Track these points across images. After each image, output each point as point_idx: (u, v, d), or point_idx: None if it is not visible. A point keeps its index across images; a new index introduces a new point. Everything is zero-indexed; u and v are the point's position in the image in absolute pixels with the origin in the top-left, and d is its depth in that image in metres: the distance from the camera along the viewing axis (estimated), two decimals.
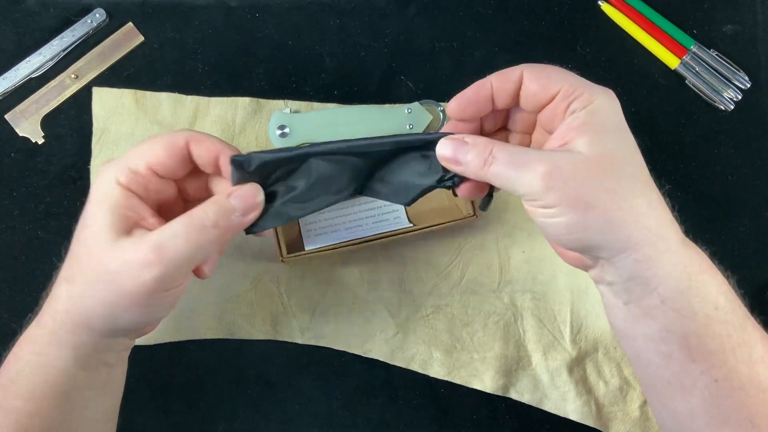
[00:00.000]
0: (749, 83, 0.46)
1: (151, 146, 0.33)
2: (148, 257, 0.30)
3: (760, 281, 0.45)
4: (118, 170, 0.32)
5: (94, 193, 0.32)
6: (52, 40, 0.46)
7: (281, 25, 0.47)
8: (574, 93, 0.31)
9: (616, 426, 0.43)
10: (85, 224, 0.32)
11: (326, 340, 0.44)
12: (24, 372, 0.31)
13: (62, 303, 0.32)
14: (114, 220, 0.31)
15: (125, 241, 0.30)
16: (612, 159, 0.30)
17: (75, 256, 0.32)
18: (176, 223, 0.31)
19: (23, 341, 0.32)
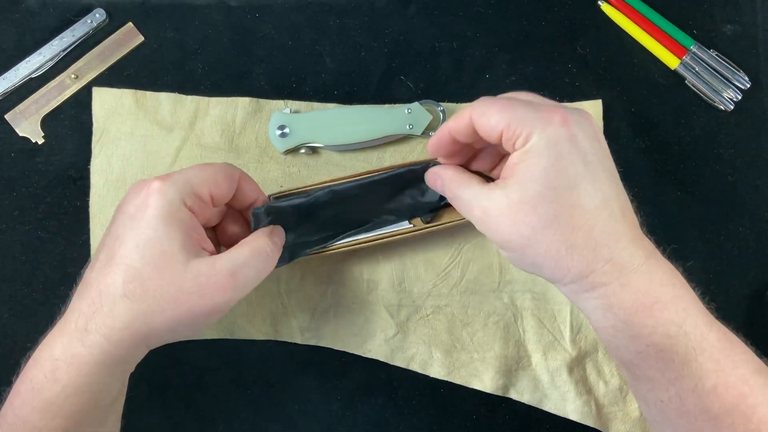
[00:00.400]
0: (749, 83, 0.46)
1: (214, 174, 0.34)
2: (224, 282, 0.32)
3: (760, 281, 0.45)
4: (184, 192, 0.33)
5: (160, 209, 0.32)
6: (52, 40, 0.46)
7: (281, 25, 0.47)
8: (514, 132, 0.32)
9: (616, 426, 0.43)
10: (154, 241, 0.32)
11: (326, 340, 0.44)
12: (66, 392, 0.31)
13: (121, 320, 0.31)
14: (186, 241, 0.32)
15: (199, 264, 0.32)
16: (537, 201, 0.31)
17: (140, 273, 0.31)
18: (245, 253, 0.34)
19: (61, 362, 0.31)
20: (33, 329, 0.44)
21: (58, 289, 0.44)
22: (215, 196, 0.34)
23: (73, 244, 0.44)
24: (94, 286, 0.32)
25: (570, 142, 0.31)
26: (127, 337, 0.32)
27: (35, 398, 0.31)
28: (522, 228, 0.31)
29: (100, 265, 0.32)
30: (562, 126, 0.31)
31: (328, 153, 0.45)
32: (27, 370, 0.32)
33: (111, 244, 0.33)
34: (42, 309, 0.44)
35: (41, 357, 0.32)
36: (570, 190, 0.31)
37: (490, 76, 0.47)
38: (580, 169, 0.31)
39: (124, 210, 0.33)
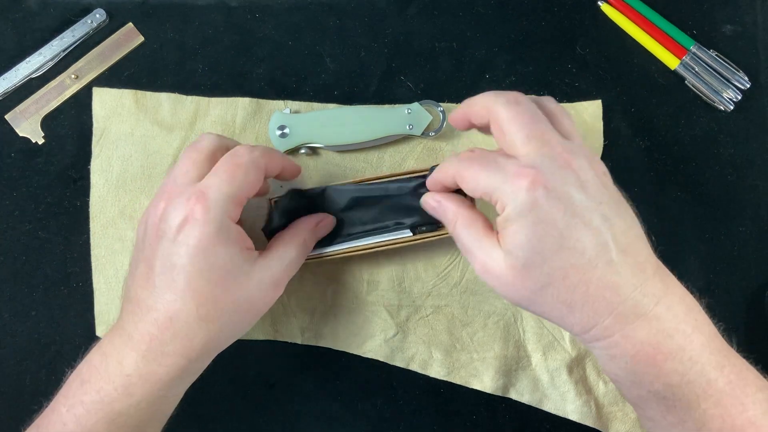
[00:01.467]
0: (749, 83, 0.46)
1: (246, 177, 0.34)
2: (280, 281, 0.36)
3: (760, 281, 0.45)
4: (228, 210, 0.33)
5: (212, 238, 0.32)
6: (52, 40, 0.46)
7: (281, 25, 0.47)
8: (490, 199, 0.32)
9: (615, 426, 0.43)
10: (215, 267, 0.33)
11: (326, 340, 0.44)
12: (140, 406, 0.32)
13: (199, 341, 0.33)
14: (242, 253, 0.34)
15: (259, 271, 0.35)
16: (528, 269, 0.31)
17: (210, 297, 0.33)
18: (289, 251, 0.37)
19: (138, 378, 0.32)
20: (33, 329, 0.44)
21: (58, 289, 0.44)
22: (251, 195, 0.35)
23: (73, 244, 0.44)
24: (161, 311, 0.32)
25: (547, 202, 0.30)
26: (204, 353, 0.34)
27: (104, 410, 0.32)
28: (521, 291, 0.32)
29: (157, 291, 0.33)
30: (532, 190, 0.30)
31: (328, 153, 0.45)
32: (90, 379, 0.33)
33: (167, 270, 0.33)
34: (42, 309, 0.44)
35: (108, 370, 0.32)
36: (557, 251, 0.30)
37: (490, 76, 0.47)
38: (563, 226, 0.30)
39: (163, 232, 0.33)
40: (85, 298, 0.44)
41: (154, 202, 0.34)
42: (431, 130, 0.45)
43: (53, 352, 0.44)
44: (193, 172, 0.34)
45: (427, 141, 0.46)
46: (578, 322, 0.31)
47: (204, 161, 0.35)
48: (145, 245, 0.34)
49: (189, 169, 0.34)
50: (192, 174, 0.34)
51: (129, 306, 0.34)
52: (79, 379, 0.33)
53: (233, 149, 0.35)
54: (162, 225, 0.33)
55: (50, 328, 0.44)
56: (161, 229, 0.33)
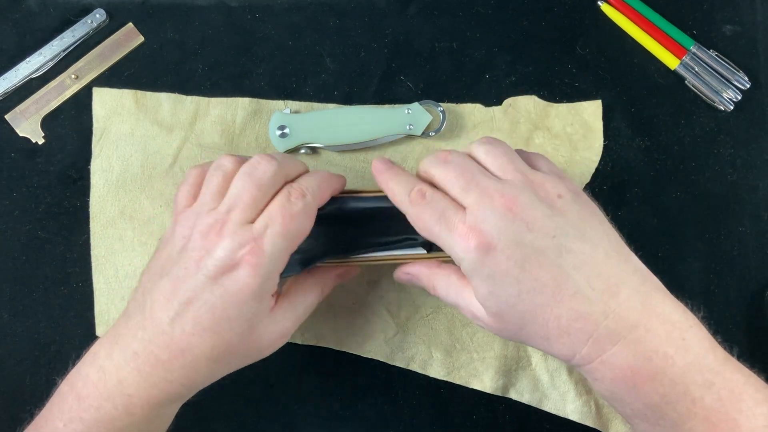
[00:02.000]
0: (749, 83, 0.46)
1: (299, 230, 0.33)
2: (288, 331, 0.35)
3: (760, 281, 0.45)
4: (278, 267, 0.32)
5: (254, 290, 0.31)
6: (52, 40, 0.46)
7: (281, 25, 0.47)
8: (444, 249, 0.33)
9: (615, 426, 0.43)
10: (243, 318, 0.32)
11: (326, 340, 0.44)
12: (140, 427, 0.33)
13: (203, 376, 0.33)
14: (268, 307, 0.34)
15: (274, 324, 0.34)
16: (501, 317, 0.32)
17: (227, 343, 0.32)
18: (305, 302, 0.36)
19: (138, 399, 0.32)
20: (33, 329, 0.44)
21: (58, 289, 0.44)
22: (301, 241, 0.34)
23: (73, 244, 0.44)
24: (177, 340, 0.31)
25: (496, 257, 0.30)
26: (203, 385, 0.34)
27: (105, 428, 0.32)
28: (506, 333, 0.33)
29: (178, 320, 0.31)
30: (479, 251, 0.31)
31: (328, 153, 0.45)
32: (88, 395, 0.32)
33: (195, 304, 0.31)
34: (42, 309, 0.44)
35: (107, 388, 0.32)
36: (519, 296, 0.31)
37: (490, 76, 0.47)
38: (516, 273, 0.30)
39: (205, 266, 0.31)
40: (85, 298, 0.44)
41: (205, 226, 0.32)
42: (431, 130, 0.45)
43: (53, 352, 0.44)
44: (249, 212, 0.32)
45: (427, 141, 0.46)
46: (559, 352, 0.32)
47: (263, 198, 0.33)
48: (180, 264, 0.32)
49: (246, 206, 0.32)
50: (248, 214, 0.32)
51: (140, 318, 0.32)
52: (74, 394, 0.32)
53: (287, 192, 0.33)
54: (206, 258, 0.31)
55: (50, 328, 0.44)
56: (204, 262, 0.31)
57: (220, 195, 0.33)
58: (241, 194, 0.33)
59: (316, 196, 0.34)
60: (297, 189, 0.34)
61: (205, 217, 0.32)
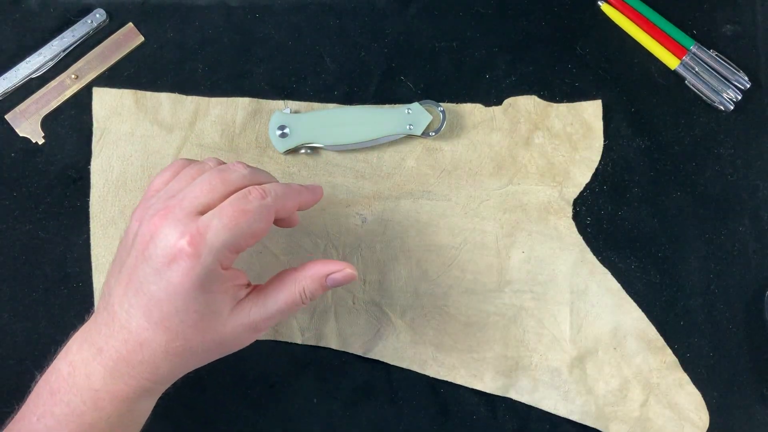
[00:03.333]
0: (749, 83, 0.46)
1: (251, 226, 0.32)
2: (259, 327, 0.34)
3: (760, 281, 0.45)
4: (221, 257, 0.31)
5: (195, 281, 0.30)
6: (52, 40, 0.46)
7: (281, 25, 0.47)
8: None
9: (616, 426, 0.43)
10: (192, 310, 0.31)
11: (326, 340, 0.44)
12: (111, 421, 0.33)
13: (164, 371, 0.33)
14: (225, 299, 0.32)
15: (238, 317, 0.33)
16: None
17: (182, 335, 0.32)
18: (279, 300, 0.34)
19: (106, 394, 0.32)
20: (33, 329, 0.44)
21: (58, 289, 0.44)
22: (255, 243, 0.33)
23: (73, 244, 0.44)
24: (133, 334, 0.32)
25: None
26: (170, 379, 0.34)
27: (75, 422, 0.32)
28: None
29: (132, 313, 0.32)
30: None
31: (328, 153, 0.45)
32: (60, 390, 0.32)
33: (144, 297, 0.31)
34: (42, 309, 0.44)
35: (76, 383, 0.32)
36: None
37: (490, 76, 0.47)
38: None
39: (149, 256, 0.31)
40: (85, 298, 0.44)
41: (154, 210, 0.32)
42: (431, 130, 0.45)
43: (53, 352, 0.44)
44: (203, 200, 0.32)
45: (427, 141, 0.46)
46: None
47: (222, 195, 0.32)
48: (132, 255, 0.32)
49: (201, 195, 0.32)
50: (201, 201, 0.32)
51: (104, 314, 0.33)
52: (48, 388, 0.33)
53: (246, 191, 0.32)
54: (150, 247, 0.31)
55: (50, 328, 0.44)
56: (149, 251, 0.31)
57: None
58: (201, 184, 0.32)
59: (277, 200, 0.33)
60: (259, 189, 0.33)
61: (160, 202, 0.32)
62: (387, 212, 0.45)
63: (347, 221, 0.45)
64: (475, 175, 0.45)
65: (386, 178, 0.45)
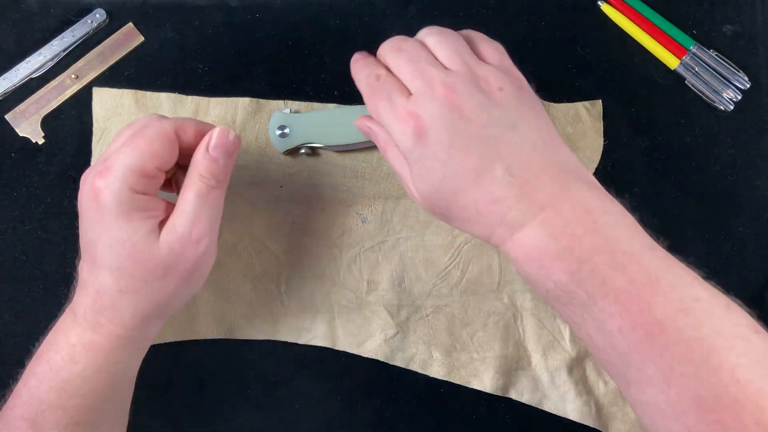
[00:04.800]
0: (749, 83, 0.46)
1: (150, 147, 0.33)
2: (192, 236, 0.34)
3: (760, 281, 0.45)
4: (129, 181, 0.33)
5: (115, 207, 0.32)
6: (52, 40, 0.46)
7: (281, 25, 0.47)
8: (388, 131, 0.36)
9: (616, 426, 0.43)
10: (122, 240, 0.33)
11: (326, 340, 0.44)
12: (86, 374, 0.33)
13: (127, 311, 0.34)
14: (149, 225, 0.33)
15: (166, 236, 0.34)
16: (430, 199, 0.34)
17: (124, 270, 0.33)
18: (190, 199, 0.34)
19: (78, 347, 0.34)
20: (33, 329, 0.44)
21: (58, 289, 0.44)
22: (161, 165, 0.34)
23: (73, 244, 0.44)
24: (90, 284, 0.34)
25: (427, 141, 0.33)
26: (139, 321, 0.34)
27: (53, 379, 0.33)
28: (435, 213, 0.36)
29: (87, 266, 0.34)
30: (413, 135, 0.33)
31: (328, 153, 0.45)
32: (43, 352, 0.35)
33: (88, 246, 0.34)
34: (42, 309, 0.44)
35: (57, 342, 0.34)
36: (443, 180, 0.33)
37: None
38: (444, 158, 0.32)
39: (81, 208, 0.34)
40: None
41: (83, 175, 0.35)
42: None
43: None
44: (113, 147, 0.34)
45: None
46: (479, 233, 0.34)
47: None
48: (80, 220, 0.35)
49: (112, 145, 0.34)
50: (111, 149, 0.34)
51: (75, 280, 0.36)
52: (35, 356, 0.35)
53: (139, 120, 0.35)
54: (80, 199, 0.34)
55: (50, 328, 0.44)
56: (80, 208, 0.34)
57: None
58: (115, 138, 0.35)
59: (175, 122, 0.35)
60: (155, 116, 0.35)
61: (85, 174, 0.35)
62: (387, 212, 0.45)
63: (347, 221, 0.45)
64: None
65: (386, 178, 0.45)
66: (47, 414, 0.33)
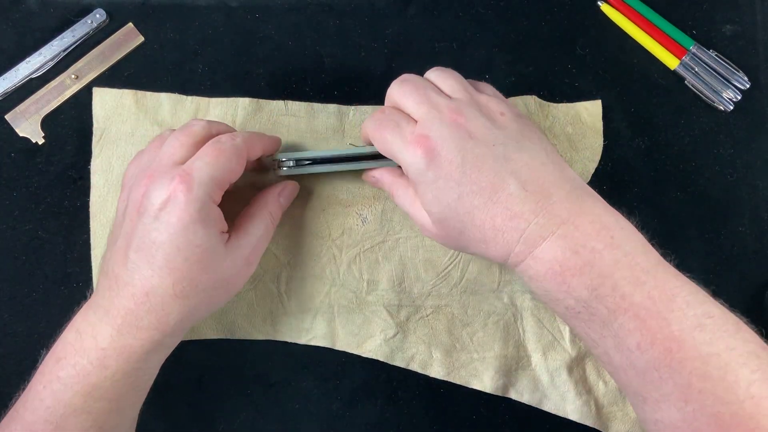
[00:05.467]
0: (749, 83, 0.46)
1: (229, 163, 0.35)
2: (251, 258, 0.37)
3: (760, 281, 0.45)
4: (211, 191, 0.34)
5: (193, 215, 0.33)
6: (52, 40, 0.46)
7: (281, 25, 0.47)
8: (393, 158, 0.37)
9: (615, 426, 0.43)
10: (194, 245, 0.33)
11: (326, 340, 0.44)
12: (115, 377, 0.33)
13: (174, 317, 0.34)
14: (218, 235, 0.35)
15: (232, 250, 0.36)
16: (444, 221, 0.35)
17: (187, 275, 0.34)
18: (259, 226, 0.38)
19: (113, 351, 0.33)
20: (33, 329, 0.44)
21: (58, 289, 0.44)
22: (233, 180, 0.36)
23: (73, 244, 0.44)
24: (138, 286, 0.33)
25: (439, 162, 0.34)
26: (179, 329, 0.35)
27: (80, 383, 0.33)
28: (447, 240, 0.36)
29: (135, 266, 0.34)
30: (425, 157, 0.34)
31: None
32: (67, 355, 0.34)
33: (145, 246, 0.33)
34: (42, 309, 0.44)
35: (83, 345, 0.33)
36: (459, 199, 0.33)
37: (490, 76, 0.47)
38: (458, 177, 0.33)
39: (145, 209, 0.34)
40: (85, 298, 0.44)
41: (138, 179, 0.35)
42: None
43: None
44: (179, 154, 0.35)
45: None
46: (496, 253, 0.34)
47: (192, 145, 0.36)
48: (125, 221, 0.35)
49: (176, 151, 0.35)
50: (178, 156, 0.35)
51: (105, 281, 0.35)
52: (54, 357, 0.34)
53: (217, 137, 0.37)
54: (144, 202, 0.34)
55: (50, 328, 0.44)
56: (143, 206, 0.34)
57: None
58: (170, 144, 0.36)
59: (246, 141, 0.37)
60: (228, 134, 0.37)
61: (140, 172, 0.36)
62: (387, 212, 0.45)
63: (347, 221, 0.45)
64: None
65: None
66: (71, 418, 0.33)
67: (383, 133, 0.36)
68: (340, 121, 0.45)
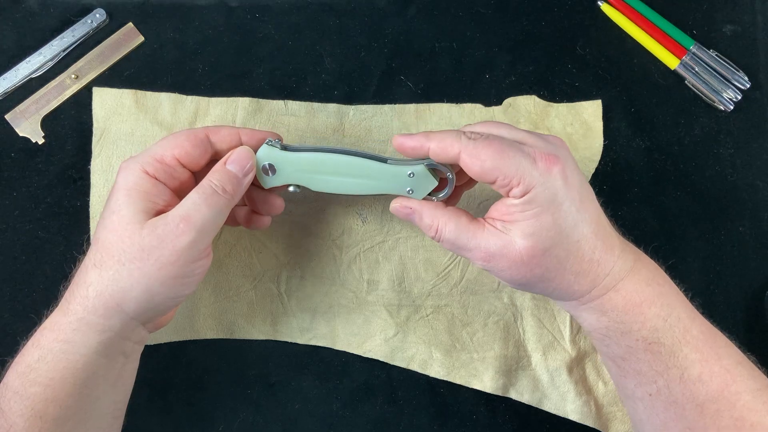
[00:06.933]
0: (749, 83, 0.46)
1: (175, 138, 0.36)
2: (180, 227, 0.33)
3: (760, 281, 0.45)
4: (144, 161, 0.35)
5: (122, 182, 0.34)
6: (52, 40, 0.46)
7: (281, 25, 0.47)
8: (511, 181, 0.33)
9: (615, 426, 0.43)
10: (114, 210, 0.34)
11: (326, 340, 0.44)
12: (46, 359, 0.33)
13: (93, 288, 0.33)
14: (144, 206, 0.34)
15: (155, 220, 0.34)
16: (551, 248, 0.33)
17: (103, 242, 0.34)
18: (192, 195, 0.34)
19: (45, 330, 0.34)
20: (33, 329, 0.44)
21: (58, 289, 0.44)
22: (183, 159, 0.36)
23: (73, 244, 0.44)
24: (79, 267, 0.35)
25: (567, 188, 0.33)
26: (100, 304, 0.33)
27: (18, 363, 0.33)
28: (536, 270, 0.34)
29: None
30: (561, 175, 0.33)
31: None
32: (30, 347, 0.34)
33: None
34: (42, 309, 0.44)
35: (35, 332, 0.34)
36: (573, 228, 0.33)
37: (490, 76, 0.47)
38: (577, 207, 0.33)
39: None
40: None
41: None
42: (435, 194, 0.38)
43: None
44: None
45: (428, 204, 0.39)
46: (581, 288, 0.34)
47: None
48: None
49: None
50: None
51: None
52: (24, 346, 0.35)
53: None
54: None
55: None
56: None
57: None
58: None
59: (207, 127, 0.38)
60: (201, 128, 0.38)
61: None
62: (387, 212, 0.45)
63: (347, 221, 0.45)
64: None
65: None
66: (12, 402, 0.32)
67: (493, 152, 0.33)
68: (340, 121, 0.45)
